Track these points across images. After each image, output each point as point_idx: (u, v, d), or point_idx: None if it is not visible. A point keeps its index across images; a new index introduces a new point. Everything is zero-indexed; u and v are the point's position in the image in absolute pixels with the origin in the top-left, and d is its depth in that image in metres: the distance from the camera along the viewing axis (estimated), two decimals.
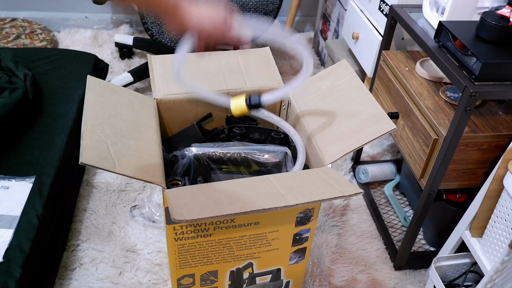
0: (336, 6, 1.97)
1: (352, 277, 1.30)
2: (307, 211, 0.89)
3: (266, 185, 0.77)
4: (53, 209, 1.16)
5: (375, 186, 1.60)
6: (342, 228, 1.44)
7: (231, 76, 1.05)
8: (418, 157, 1.13)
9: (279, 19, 2.45)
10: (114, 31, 2.31)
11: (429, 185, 1.10)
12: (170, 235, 0.85)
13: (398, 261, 1.32)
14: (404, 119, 1.19)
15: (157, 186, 0.85)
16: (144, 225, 1.38)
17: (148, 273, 1.25)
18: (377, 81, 1.34)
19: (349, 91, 0.96)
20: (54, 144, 1.27)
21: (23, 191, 1.13)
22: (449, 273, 1.23)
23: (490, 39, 0.98)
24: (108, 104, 0.87)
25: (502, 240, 1.01)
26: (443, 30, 1.04)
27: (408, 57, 1.28)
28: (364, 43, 1.58)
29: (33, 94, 1.34)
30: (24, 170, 1.18)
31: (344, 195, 0.75)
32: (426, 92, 1.15)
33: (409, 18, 1.18)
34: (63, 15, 2.30)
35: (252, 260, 0.96)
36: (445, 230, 1.26)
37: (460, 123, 0.97)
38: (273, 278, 1.03)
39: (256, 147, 0.94)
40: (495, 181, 1.01)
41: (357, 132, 0.88)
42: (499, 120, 1.08)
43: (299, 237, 0.94)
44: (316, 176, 0.81)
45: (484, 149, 1.06)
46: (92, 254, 1.29)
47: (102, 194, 1.46)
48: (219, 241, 0.89)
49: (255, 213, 0.70)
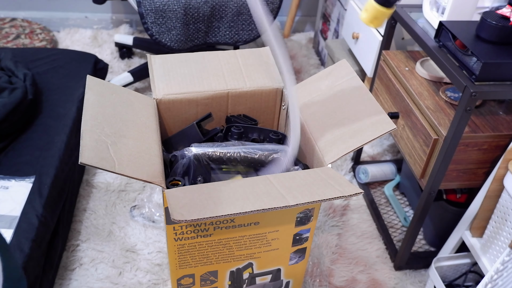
0: (336, 6, 1.97)
1: (352, 277, 1.30)
2: (307, 211, 0.89)
3: (266, 185, 0.77)
4: (53, 209, 1.16)
5: (375, 186, 1.60)
6: (342, 228, 1.44)
7: (231, 76, 1.05)
8: (418, 157, 1.13)
9: (279, 19, 2.45)
10: (114, 31, 2.31)
11: (429, 185, 1.10)
12: (170, 235, 0.85)
13: (398, 261, 1.32)
14: (404, 119, 1.19)
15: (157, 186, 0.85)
16: (144, 225, 1.37)
17: (148, 273, 1.25)
18: (377, 81, 1.34)
19: (349, 91, 0.96)
20: (54, 144, 1.27)
21: (22, 191, 1.13)
22: (450, 273, 1.23)
23: (490, 39, 0.97)
24: (108, 104, 0.87)
25: (503, 240, 1.01)
26: (443, 30, 1.04)
27: (408, 57, 1.28)
28: (364, 43, 1.58)
29: (33, 94, 1.34)
30: (24, 170, 1.18)
31: (344, 195, 0.75)
32: (426, 92, 1.15)
33: (409, 18, 1.18)
34: (63, 15, 2.30)
35: (252, 260, 0.96)
36: (445, 230, 1.26)
37: (460, 123, 0.97)
38: (273, 278, 1.03)
39: (256, 146, 0.94)
40: (496, 181, 1.00)
41: (357, 132, 0.88)
42: (500, 120, 1.08)
43: (299, 237, 0.94)
44: (316, 176, 0.81)
45: (484, 149, 1.06)
46: (92, 254, 1.28)
47: (102, 194, 1.46)
48: (219, 241, 0.89)
49: (255, 213, 0.70)
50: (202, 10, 1.69)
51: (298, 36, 2.43)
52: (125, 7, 2.32)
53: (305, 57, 2.25)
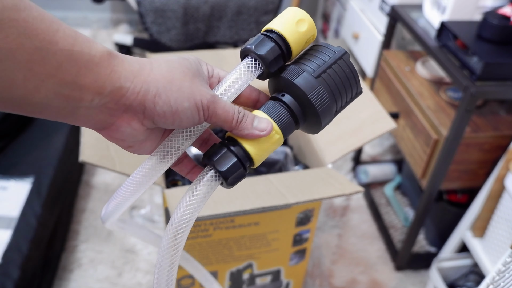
0: (336, 6, 1.97)
1: (352, 277, 1.30)
2: (307, 211, 0.88)
3: (266, 184, 0.76)
4: (52, 210, 1.16)
5: (375, 187, 1.59)
6: (343, 229, 1.44)
7: None
8: (418, 158, 1.12)
9: None
10: (113, 31, 2.30)
11: (430, 186, 1.09)
12: None
13: (398, 261, 1.31)
14: (405, 119, 1.18)
15: (157, 186, 0.84)
16: (143, 225, 1.37)
17: (148, 273, 1.25)
18: (377, 81, 1.34)
19: None
20: (53, 145, 1.26)
21: (21, 192, 1.12)
22: (450, 273, 1.22)
23: (491, 39, 0.97)
24: None
25: (504, 241, 1.00)
26: (445, 29, 1.03)
27: (408, 57, 1.28)
28: (365, 43, 1.57)
29: None
30: (23, 171, 1.18)
31: (344, 193, 0.75)
32: (427, 92, 1.15)
33: (410, 17, 1.17)
34: (62, 14, 2.30)
35: (252, 260, 0.95)
36: (446, 230, 1.26)
37: (461, 123, 0.96)
38: (273, 279, 1.02)
39: None
40: (497, 182, 1.00)
41: (357, 131, 0.87)
42: (501, 120, 1.08)
43: (299, 237, 0.94)
44: (316, 175, 0.81)
45: (485, 150, 1.06)
46: (91, 255, 1.28)
47: (101, 195, 1.46)
48: (219, 242, 0.88)
49: (255, 212, 0.70)
50: (202, 10, 1.69)
51: None
52: (124, 6, 2.31)
53: None
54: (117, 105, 0.32)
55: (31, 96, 0.29)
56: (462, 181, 1.12)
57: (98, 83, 0.30)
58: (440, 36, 1.05)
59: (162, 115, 0.33)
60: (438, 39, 1.06)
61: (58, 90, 0.29)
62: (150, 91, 0.32)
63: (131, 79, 0.32)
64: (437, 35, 1.06)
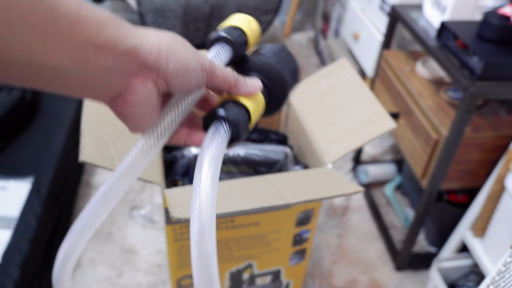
0: (336, 6, 1.97)
1: (352, 278, 1.30)
2: (307, 211, 0.88)
3: (266, 184, 0.76)
4: (52, 210, 1.16)
5: (375, 187, 1.59)
6: (343, 229, 1.44)
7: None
8: (418, 158, 1.12)
9: (279, 19, 2.45)
10: None
11: (430, 186, 1.09)
12: (170, 235, 0.84)
13: (399, 262, 1.31)
14: (405, 119, 1.18)
15: (156, 186, 0.84)
16: (143, 225, 1.37)
17: (148, 274, 1.25)
18: (377, 81, 1.34)
19: (349, 90, 0.96)
20: (53, 145, 1.26)
21: (21, 192, 1.12)
22: (451, 273, 1.22)
23: (492, 39, 0.97)
24: None
25: (504, 241, 1.00)
26: (445, 29, 1.03)
27: (409, 57, 1.27)
28: (365, 43, 1.57)
29: (32, 94, 1.34)
30: (23, 171, 1.18)
31: (344, 193, 0.75)
32: (427, 92, 1.15)
33: (410, 17, 1.17)
34: None
35: (252, 260, 0.95)
36: (446, 230, 1.26)
37: (461, 123, 0.96)
38: (273, 279, 1.02)
39: (256, 147, 0.93)
40: (497, 182, 1.00)
41: (357, 131, 0.87)
42: (501, 120, 1.08)
43: (299, 237, 0.94)
44: (316, 175, 0.80)
45: (485, 150, 1.06)
46: (90, 255, 1.28)
47: None
48: (219, 242, 0.88)
49: (255, 212, 0.70)
50: (202, 10, 1.69)
51: (298, 36, 2.43)
52: (124, 6, 2.31)
53: (305, 57, 2.25)
54: (133, 65, 0.33)
55: (49, 60, 0.29)
56: (462, 181, 1.12)
57: (110, 42, 0.31)
58: (440, 36, 1.05)
59: (175, 73, 0.34)
60: (438, 39, 1.06)
61: (73, 51, 0.30)
62: (162, 50, 0.33)
63: (140, 39, 0.33)
64: (437, 35, 1.06)
